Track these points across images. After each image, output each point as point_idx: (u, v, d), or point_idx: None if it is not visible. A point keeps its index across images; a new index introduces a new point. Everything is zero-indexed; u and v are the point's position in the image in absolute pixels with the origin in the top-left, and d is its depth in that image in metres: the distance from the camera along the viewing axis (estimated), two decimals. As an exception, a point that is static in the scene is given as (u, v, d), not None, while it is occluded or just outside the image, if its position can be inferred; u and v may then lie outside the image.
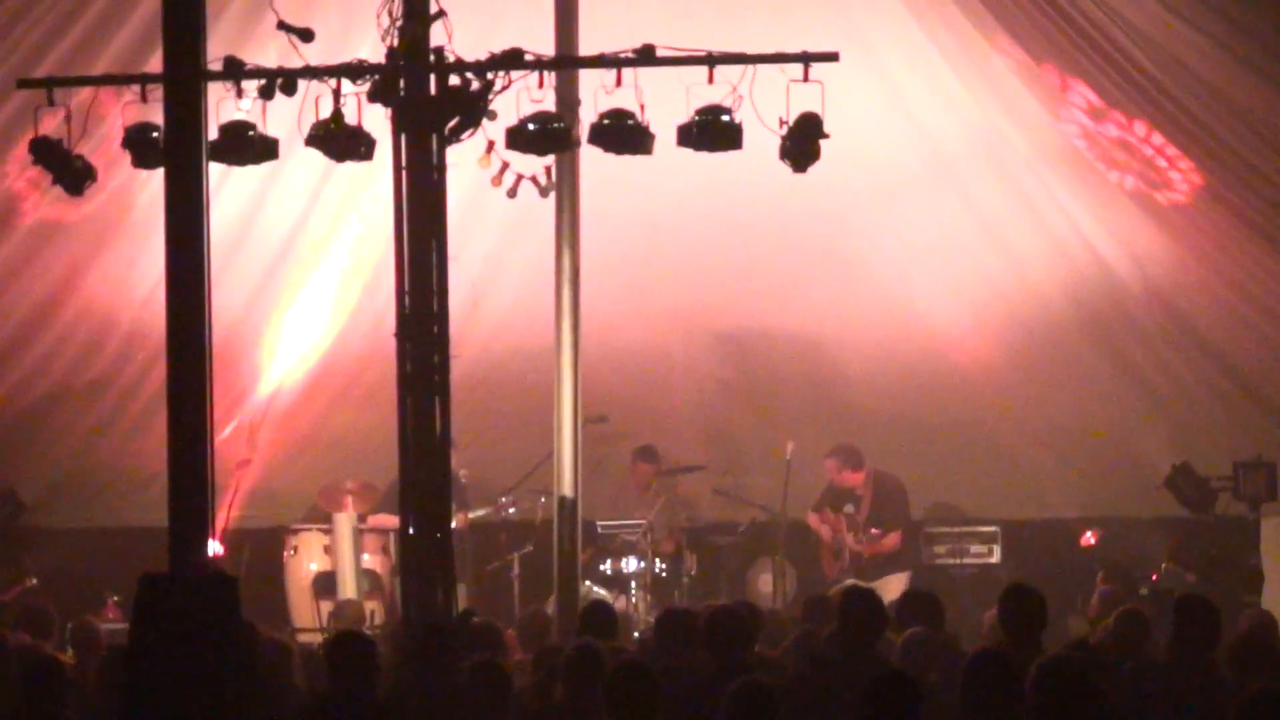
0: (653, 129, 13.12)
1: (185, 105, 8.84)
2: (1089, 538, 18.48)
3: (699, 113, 13.03)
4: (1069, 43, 16.47)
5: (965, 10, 17.02)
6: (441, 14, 12.71)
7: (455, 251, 12.89)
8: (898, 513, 17.69)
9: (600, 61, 13.21)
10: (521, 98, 12.98)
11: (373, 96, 12.81)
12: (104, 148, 14.83)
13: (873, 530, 17.54)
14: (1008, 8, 16.61)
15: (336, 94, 12.93)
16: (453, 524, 16.97)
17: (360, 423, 18.67)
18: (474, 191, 15.21)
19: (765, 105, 12.83)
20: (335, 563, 17.61)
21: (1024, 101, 17.52)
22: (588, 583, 17.02)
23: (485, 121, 12.92)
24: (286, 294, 18.82)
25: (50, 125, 13.82)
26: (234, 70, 13.08)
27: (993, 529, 18.68)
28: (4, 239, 17.90)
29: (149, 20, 16.04)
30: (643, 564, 17.68)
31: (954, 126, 18.17)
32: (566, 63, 14.25)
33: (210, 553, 9.04)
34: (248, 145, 13.40)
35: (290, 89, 12.87)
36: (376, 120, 13.20)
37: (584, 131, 13.28)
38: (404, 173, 12.72)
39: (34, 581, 17.58)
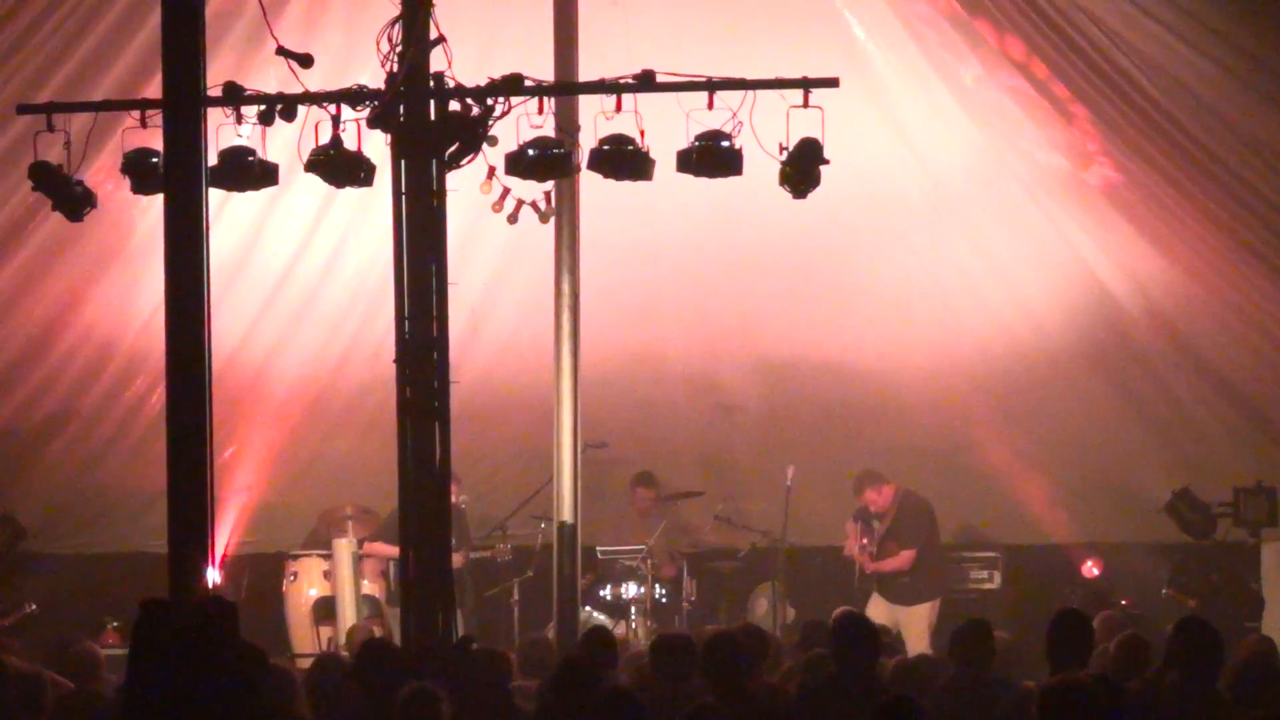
0: (653, 154, 13.11)
1: (185, 130, 8.82)
2: (1092, 568, 18.37)
3: (699, 138, 13.02)
4: (1070, 66, 16.48)
5: (964, 34, 17.02)
6: (441, 40, 12.71)
7: (455, 277, 12.87)
8: (915, 532, 17.59)
9: (600, 87, 13.21)
10: (521, 123, 12.97)
11: (372, 122, 12.80)
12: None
13: (885, 548, 17.48)
14: (1008, 30, 16.62)
15: (336, 120, 12.93)
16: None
17: (360, 449, 18.66)
18: (474, 217, 15.22)
19: (766, 131, 12.82)
20: (335, 588, 17.60)
21: (1024, 126, 17.52)
22: (588, 608, 17.01)
23: (485, 147, 12.92)
24: (287, 319, 18.79)
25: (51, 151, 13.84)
26: (234, 96, 13.08)
27: (993, 554, 18.66)
28: (4, 263, 17.89)
29: (149, 46, 16.06)
30: (643, 590, 17.66)
31: (954, 152, 18.15)
32: (566, 88, 14.26)
33: (210, 583, 9.00)
34: (247, 171, 13.40)
35: (290, 115, 12.86)
36: (376, 146, 13.20)
37: (584, 157, 13.27)
38: (404, 198, 12.71)
39: (34, 607, 17.56)
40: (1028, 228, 18.25)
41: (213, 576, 9.27)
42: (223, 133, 13.06)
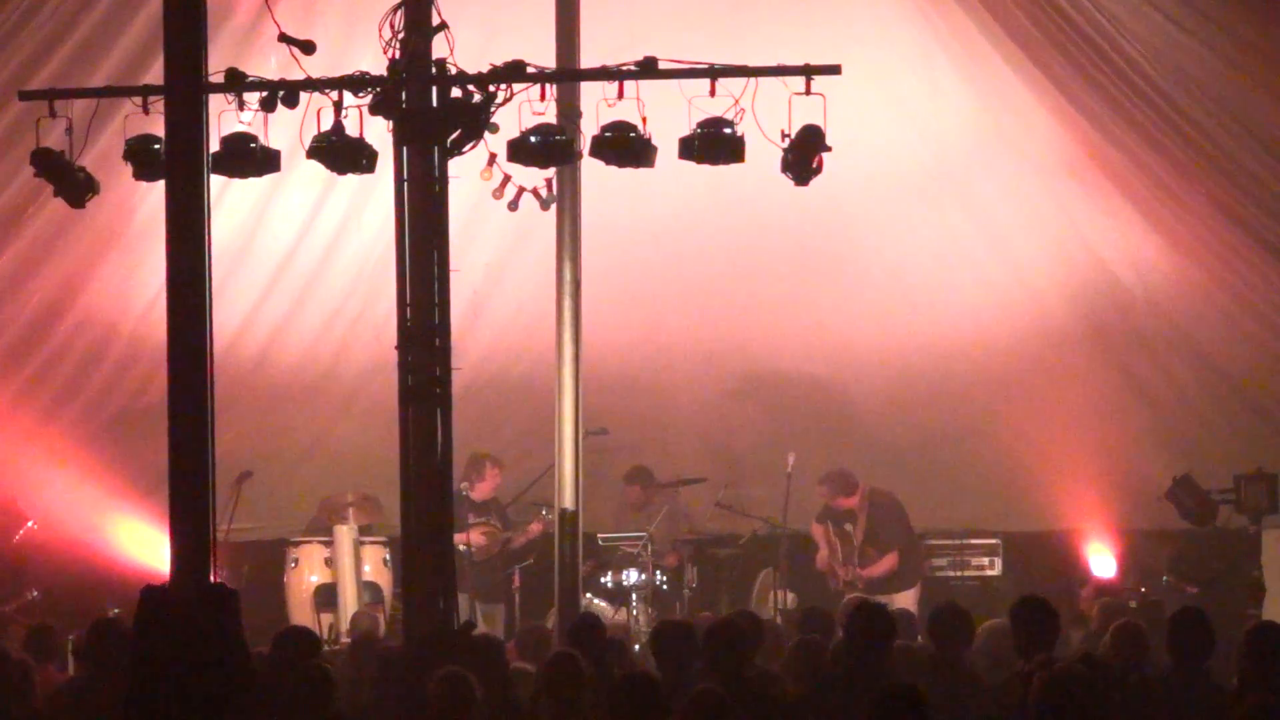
0: (654, 141, 13.10)
1: (186, 116, 8.81)
2: (1105, 569, 17.99)
3: (701, 125, 13.01)
4: (1076, 50, 16.47)
5: (971, 17, 17.01)
6: (443, 26, 12.71)
7: (456, 264, 12.87)
8: (894, 532, 17.65)
9: (602, 74, 13.20)
10: (523, 110, 12.97)
11: (374, 109, 12.80)
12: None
13: (865, 553, 17.52)
14: (1015, 16, 16.61)
15: (338, 106, 12.93)
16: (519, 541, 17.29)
17: (362, 435, 18.65)
18: (475, 203, 15.22)
19: (768, 117, 12.81)
20: (337, 575, 17.61)
21: (1029, 110, 17.50)
22: (588, 595, 17.01)
23: (487, 134, 12.92)
24: (288, 305, 18.79)
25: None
26: (235, 82, 13.08)
27: (994, 541, 18.66)
28: (4, 248, 17.87)
29: (150, 31, 16.04)
30: (643, 576, 17.66)
31: (957, 137, 18.15)
32: (568, 75, 14.25)
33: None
34: (249, 157, 13.39)
35: (292, 101, 12.86)
36: (378, 132, 13.19)
37: (585, 144, 13.27)
38: (405, 185, 12.72)
39: (35, 594, 17.56)
40: (1030, 209, 18.24)
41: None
42: (224, 119, 13.05)
